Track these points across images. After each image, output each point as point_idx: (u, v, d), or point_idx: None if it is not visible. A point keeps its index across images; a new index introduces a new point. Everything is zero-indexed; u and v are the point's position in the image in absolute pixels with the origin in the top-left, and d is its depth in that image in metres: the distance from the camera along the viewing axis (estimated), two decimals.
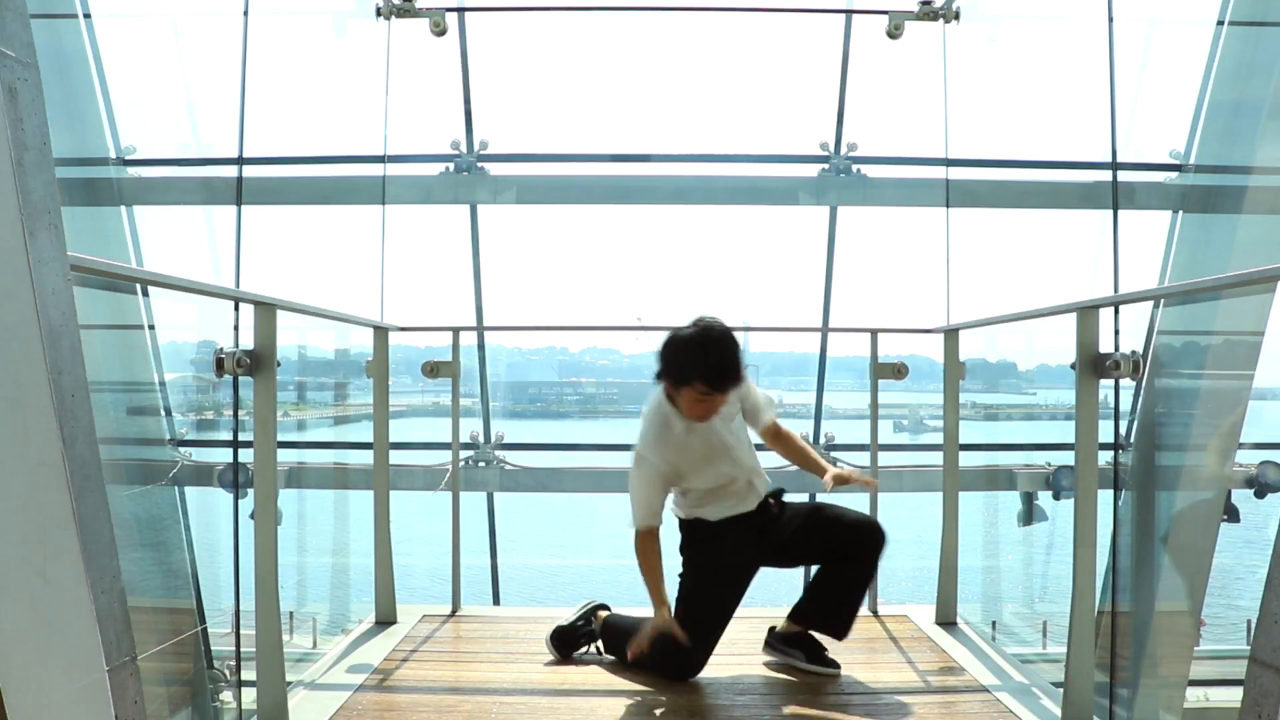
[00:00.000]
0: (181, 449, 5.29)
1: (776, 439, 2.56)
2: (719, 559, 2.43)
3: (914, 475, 5.12)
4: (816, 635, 2.51)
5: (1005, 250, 6.07)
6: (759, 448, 2.54)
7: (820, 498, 2.58)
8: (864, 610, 3.05)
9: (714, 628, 2.40)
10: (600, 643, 2.58)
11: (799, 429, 5.42)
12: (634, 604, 2.79)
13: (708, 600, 2.41)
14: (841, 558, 2.44)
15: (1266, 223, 4.55)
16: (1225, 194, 4.72)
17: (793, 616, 2.52)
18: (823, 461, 2.53)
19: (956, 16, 4.81)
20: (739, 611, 2.80)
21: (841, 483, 2.42)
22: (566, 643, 2.58)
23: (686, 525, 2.48)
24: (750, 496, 2.44)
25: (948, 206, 5.09)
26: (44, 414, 1.08)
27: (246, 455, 4.67)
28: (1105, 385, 2.98)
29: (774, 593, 2.71)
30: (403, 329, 3.07)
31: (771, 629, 2.60)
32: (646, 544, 2.34)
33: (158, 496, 5.17)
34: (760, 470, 2.47)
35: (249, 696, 4.18)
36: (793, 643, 2.51)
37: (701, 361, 2.18)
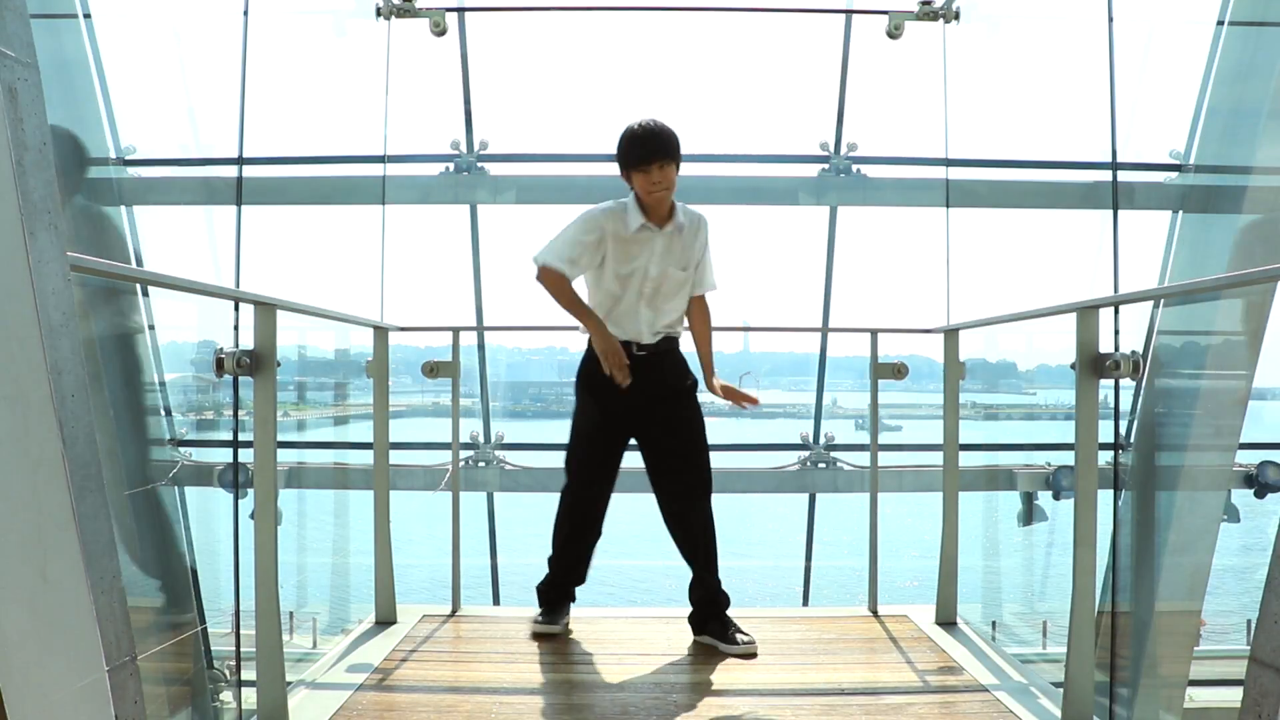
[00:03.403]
0: (181, 449, 5.29)
1: (695, 306, 2.71)
2: (595, 405, 2.63)
3: (914, 475, 5.12)
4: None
5: (1005, 250, 6.07)
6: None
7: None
8: (864, 610, 3.06)
9: (595, 469, 2.66)
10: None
11: (799, 429, 5.44)
12: (636, 603, 2.78)
13: (586, 433, 2.67)
14: (664, 496, 2.66)
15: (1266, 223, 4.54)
16: (1225, 194, 4.72)
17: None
18: (711, 364, 2.70)
19: (956, 16, 4.81)
20: (736, 613, 2.79)
21: (729, 396, 2.60)
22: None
23: (588, 357, 2.62)
24: (637, 328, 2.58)
25: (948, 206, 5.08)
26: (44, 414, 1.08)
27: (246, 455, 4.67)
28: (1105, 385, 2.98)
29: (760, 594, 2.72)
30: (403, 329, 3.07)
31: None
32: (563, 280, 2.54)
33: (158, 496, 5.16)
34: (661, 324, 2.61)
35: (249, 696, 4.18)
36: (705, 626, 2.68)
37: (639, 141, 2.49)
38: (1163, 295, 4.75)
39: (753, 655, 2.55)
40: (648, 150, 2.46)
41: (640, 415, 2.60)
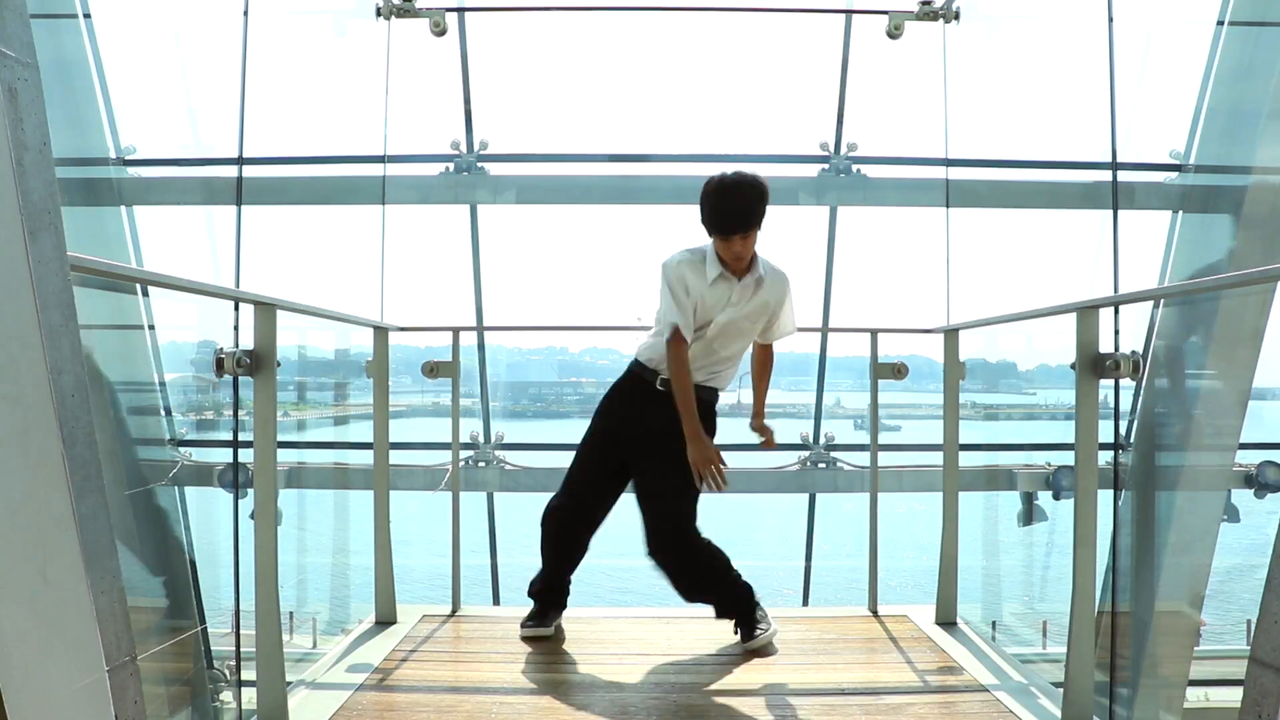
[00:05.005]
0: (181, 449, 5.29)
1: (762, 350, 2.73)
2: (600, 426, 2.63)
3: (914, 475, 5.12)
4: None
5: (1005, 250, 6.07)
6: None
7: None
8: (864, 610, 3.06)
9: (590, 477, 2.63)
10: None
11: (799, 429, 5.44)
12: (635, 602, 2.79)
13: (584, 451, 2.65)
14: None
15: (1267, 223, 4.54)
16: (1225, 194, 4.72)
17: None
18: (762, 406, 2.75)
19: (956, 16, 4.81)
20: None
21: (763, 435, 2.73)
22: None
23: (627, 380, 2.63)
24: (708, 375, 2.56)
25: (948, 206, 5.08)
26: (44, 414, 1.08)
27: (246, 455, 4.67)
28: (1105, 385, 2.99)
29: (761, 594, 2.72)
30: (403, 329, 3.07)
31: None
32: (684, 357, 2.46)
33: (158, 496, 5.17)
34: (708, 370, 2.58)
35: (249, 696, 4.18)
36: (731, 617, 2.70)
37: (720, 214, 2.38)
38: (1163, 295, 4.76)
39: (769, 652, 2.58)
40: (728, 225, 2.37)
41: (634, 447, 2.57)
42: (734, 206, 2.36)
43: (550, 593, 2.78)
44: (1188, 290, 4.68)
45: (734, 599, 2.64)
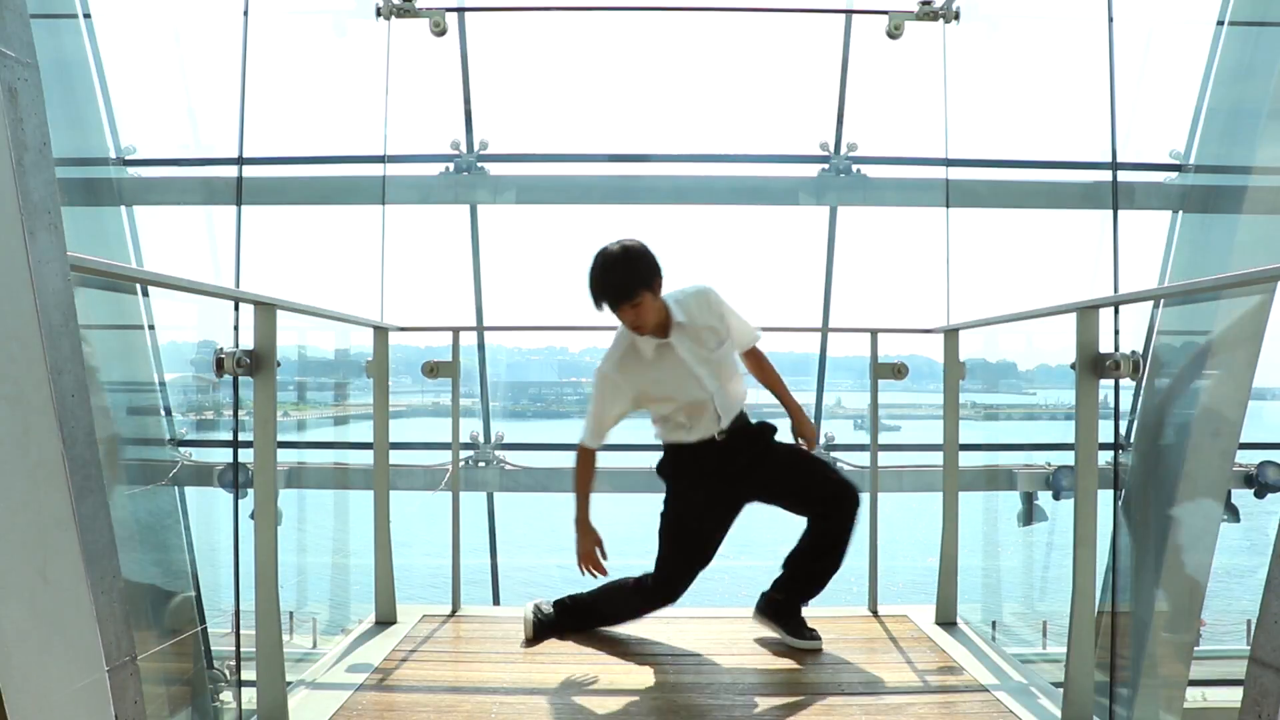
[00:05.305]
0: (181, 449, 5.29)
1: (753, 360, 2.72)
2: (699, 492, 2.57)
3: (914, 475, 5.12)
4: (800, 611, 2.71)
5: (1005, 250, 6.07)
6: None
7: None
8: (864, 610, 3.06)
9: (697, 555, 2.58)
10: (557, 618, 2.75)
11: None
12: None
13: (690, 530, 2.59)
14: (816, 515, 2.56)
15: (1266, 223, 4.55)
16: (1225, 194, 4.72)
17: (774, 588, 2.70)
18: (796, 407, 2.71)
19: (956, 16, 4.81)
20: (736, 612, 2.81)
21: (809, 443, 2.70)
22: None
23: (670, 450, 2.61)
24: (715, 425, 2.54)
25: (948, 206, 5.08)
26: (44, 414, 1.08)
27: (246, 455, 4.67)
28: (1105, 385, 2.98)
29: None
30: (403, 329, 3.07)
31: (762, 595, 2.73)
32: (586, 462, 2.55)
33: (158, 496, 5.17)
34: (733, 406, 2.57)
35: (249, 696, 4.18)
36: (778, 617, 2.68)
37: (592, 290, 2.37)
38: (1163, 295, 4.75)
39: (819, 650, 2.61)
40: (599, 300, 2.35)
41: (746, 482, 2.57)
42: (606, 283, 2.34)
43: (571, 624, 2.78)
44: (1188, 290, 4.67)
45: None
